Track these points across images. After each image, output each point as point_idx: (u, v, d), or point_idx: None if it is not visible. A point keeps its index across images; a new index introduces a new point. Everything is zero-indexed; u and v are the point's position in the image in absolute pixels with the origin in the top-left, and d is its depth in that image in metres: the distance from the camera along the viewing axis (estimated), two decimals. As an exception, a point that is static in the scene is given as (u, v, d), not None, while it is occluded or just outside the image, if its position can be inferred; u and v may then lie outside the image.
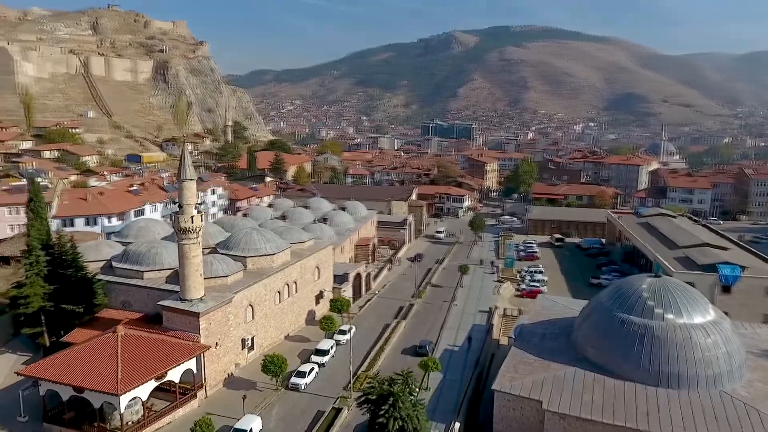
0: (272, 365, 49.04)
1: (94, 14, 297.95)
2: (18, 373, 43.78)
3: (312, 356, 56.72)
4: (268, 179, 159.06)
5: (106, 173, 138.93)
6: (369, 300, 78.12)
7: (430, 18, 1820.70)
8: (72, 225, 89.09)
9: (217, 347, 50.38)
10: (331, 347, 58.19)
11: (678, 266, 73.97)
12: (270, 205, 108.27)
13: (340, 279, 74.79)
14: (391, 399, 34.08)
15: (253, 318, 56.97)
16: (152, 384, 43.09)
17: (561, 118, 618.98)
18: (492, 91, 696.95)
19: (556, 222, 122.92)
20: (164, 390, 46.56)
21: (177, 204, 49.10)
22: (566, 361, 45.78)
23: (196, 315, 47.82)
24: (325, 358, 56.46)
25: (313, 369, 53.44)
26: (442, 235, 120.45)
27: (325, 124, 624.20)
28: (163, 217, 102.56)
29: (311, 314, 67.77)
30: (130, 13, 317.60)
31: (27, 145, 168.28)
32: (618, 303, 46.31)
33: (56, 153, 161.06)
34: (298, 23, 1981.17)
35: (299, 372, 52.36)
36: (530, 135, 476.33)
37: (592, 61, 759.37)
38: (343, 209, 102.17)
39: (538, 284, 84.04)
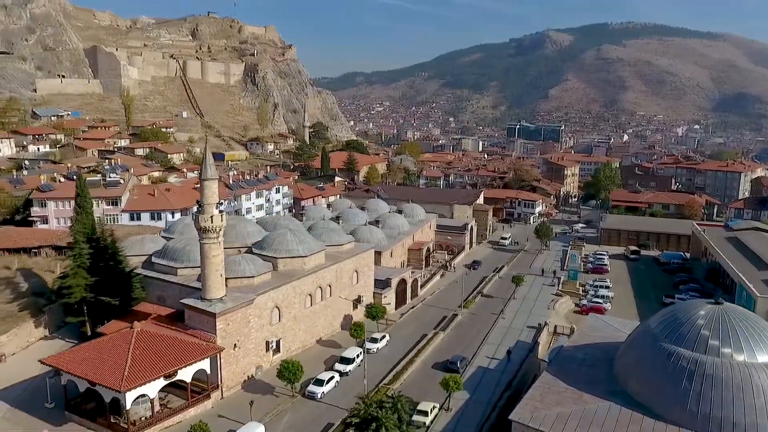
0: (287, 371, 47.65)
1: (194, 21, 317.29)
2: (40, 361, 45.59)
3: (336, 364, 54.83)
4: (337, 179, 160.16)
5: (185, 170, 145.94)
6: (413, 307, 75.04)
7: (523, 18, 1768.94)
8: (139, 219, 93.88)
9: (236, 349, 49.82)
10: (357, 356, 55.89)
11: (765, 290, 64.30)
12: (329, 206, 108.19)
13: (382, 284, 72.36)
14: (374, 425, 31.21)
15: (279, 320, 56.04)
16: (161, 382, 43.08)
17: (661, 120, 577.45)
18: (586, 92, 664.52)
19: (634, 232, 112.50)
20: (183, 388, 46.66)
21: (198, 203, 49.05)
22: (602, 393, 40.37)
23: (213, 315, 47.47)
24: (349, 367, 54.29)
25: (332, 378, 51.47)
26: (506, 242, 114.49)
27: (412, 125, 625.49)
28: (227, 213, 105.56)
29: (348, 319, 65.91)
30: (227, 19, 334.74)
31: (124, 143, 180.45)
32: (667, 331, 40.14)
33: (147, 151, 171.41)
34: (388, 26, 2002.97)
35: (317, 380, 50.60)
36: (625, 138, 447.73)
37: (699, 59, 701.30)
38: (400, 212, 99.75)
39: (600, 300, 76.69)
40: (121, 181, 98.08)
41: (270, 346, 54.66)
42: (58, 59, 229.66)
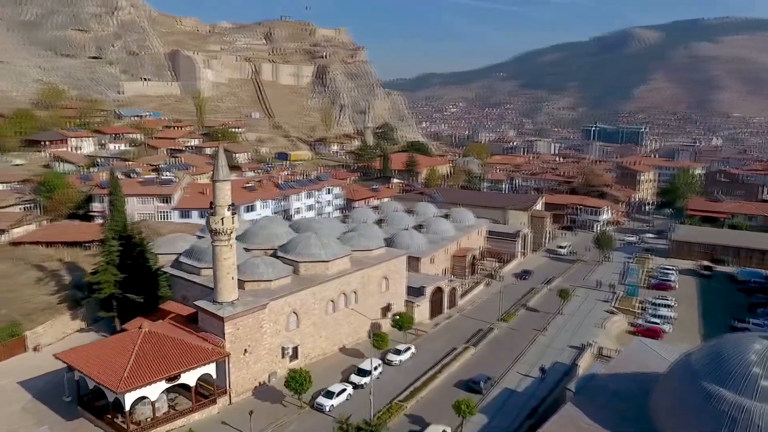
0: (293, 381, 45.79)
1: (269, 25, 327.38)
2: (54, 356, 46.48)
3: (351, 375, 52.40)
4: (394, 181, 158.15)
5: (245, 169, 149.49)
6: (449, 318, 71.28)
7: (607, 15, 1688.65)
8: (188, 216, 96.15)
9: (246, 354, 48.59)
10: (375, 368, 53.15)
11: None
12: (376, 208, 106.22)
13: (415, 292, 69.15)
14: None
15: (297, 326, 54.41)
16: (162, 385, 42.49)
17: (760, 122, 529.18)
18: (674, 92, 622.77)
19: (709, 245, 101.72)
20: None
21: (211, 204, 48.29)
22: (630, 432, 35.39)
23: (221, 319, 46.46)
24: (365, 379, 51.53)
25: (344, 390, 49.06)
26: (563, 251, 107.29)
27: (486, 127, 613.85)
28: (275, 212, 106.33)
29: (375, 328, 63.22)
30: (300, 22, 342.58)
31: (195, 142, 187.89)
32: (710, 368, 34.46)
33: (214, 150, 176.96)
34: (466, 26, 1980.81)
35: (328, 392, 48.40)
36: (716, 141, 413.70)
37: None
38: (446, 216, 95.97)
39: (659, 321, 69.40)
40: (175, 180, 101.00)
41: (286, 352, 53.07)
42: (141, 63, 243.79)
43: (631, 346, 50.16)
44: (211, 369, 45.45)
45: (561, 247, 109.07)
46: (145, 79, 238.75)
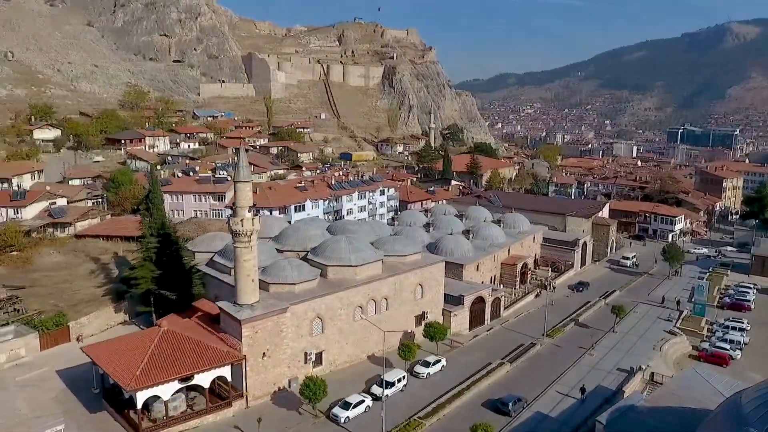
0: (307, 390, 44.42)
1: (341, 27, 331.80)
2: (81, 349, 47.77)
3: (373, 386, 50.30)
4: (453, 183, 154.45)
5: (304, 169, 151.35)
6: (490, 329, 67.48)
7: (700, 10, 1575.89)
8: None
9: (265, 358, 47.75)
10: (399, 380, 50.86)
11: None
12: (426, 211, 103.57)
13: (454, 301, 65.98)
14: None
15: (322, 332, 53.06)
16: (175, 385, 42.44)
17: None
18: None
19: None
20: (212, 391, 45.94)
21: (233, 205, 47.86)
22: (662, 478, 31.04)
23: (239, 322, 45.88)
24: (387, 392, 49.18)
25: (362, 401, 47.07)
26: (628, 263, 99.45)
27: (563, 128, 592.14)
28: (326, 213, 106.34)
29: (408, 336, 60.84)
30: (371, 24, 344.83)
31: (263, 142, 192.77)
32: (762, 412, 29.43)
33: (279, 149, 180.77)
34: (545, 25, 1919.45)
35: (345, 402, 46.61)
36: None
37: None
38: (498, 222, 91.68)
39: (727, 346, 62.11)
40: (228, 179, 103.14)
41: (309, 358, 51.85)
42: (219, 66, 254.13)
43: (682, 374, 44.84)
44: (225, 372, 45.01)
45: (626, 258, 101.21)
46: (221, 81, 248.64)
